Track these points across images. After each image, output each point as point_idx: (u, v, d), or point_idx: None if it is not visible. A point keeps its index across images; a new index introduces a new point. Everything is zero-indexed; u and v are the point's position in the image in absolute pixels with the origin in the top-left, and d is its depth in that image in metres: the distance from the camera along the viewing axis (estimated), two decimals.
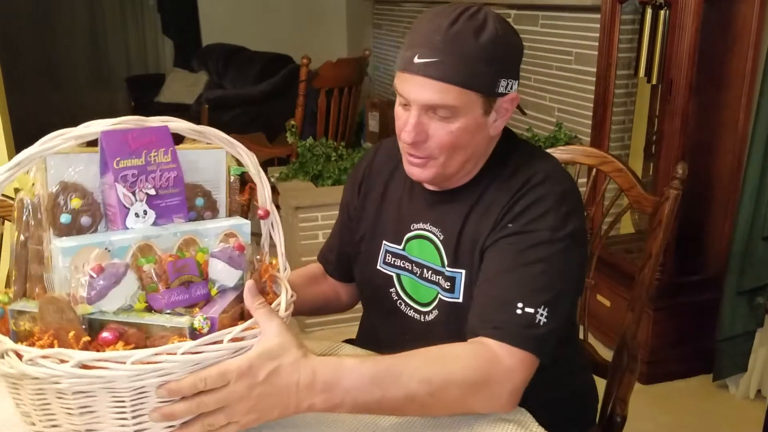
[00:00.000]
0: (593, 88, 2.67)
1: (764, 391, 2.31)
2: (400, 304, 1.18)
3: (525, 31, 3.28)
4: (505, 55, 1.02)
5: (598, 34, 2.58)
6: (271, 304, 0.89)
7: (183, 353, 0.74)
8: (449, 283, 1.09)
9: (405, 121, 1.03)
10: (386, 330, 1.21)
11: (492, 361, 0.93)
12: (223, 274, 0.87)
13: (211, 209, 0.95)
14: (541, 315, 0.96)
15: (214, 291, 0.87)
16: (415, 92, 1.01)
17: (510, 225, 1.03)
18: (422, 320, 1.14)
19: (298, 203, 2.76)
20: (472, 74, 0.99)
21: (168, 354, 0.74)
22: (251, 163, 0.90)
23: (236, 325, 0.83)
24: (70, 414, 0.75)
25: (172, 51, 6.32)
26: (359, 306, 1.35)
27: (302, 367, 0.82)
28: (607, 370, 1.38)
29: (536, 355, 0.95)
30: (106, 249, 0.80)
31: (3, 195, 1.41)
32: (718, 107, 2.37)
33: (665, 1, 2.28)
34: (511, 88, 1.04)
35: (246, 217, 0.97)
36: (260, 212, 0.93)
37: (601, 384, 1.34)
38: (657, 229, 1.30)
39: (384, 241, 1.19)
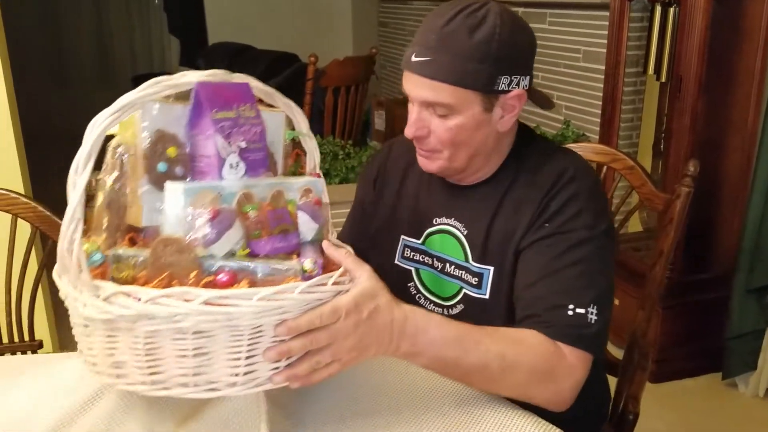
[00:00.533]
0: (601, 85, 2.66)
1: None
2: (419, 298, 1.18)
3: (533, 28, 3.26)
4: (506, 52, 1.01)
5: (606, 32, 2.58)
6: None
7: (300, 293, 0.77)
8: (476, 279, 1.10)
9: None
10: None
11: (557, 354, 0.96)
12: (306, 226, 0.89)
13: (273, 170, 0.96)
14: (591, 314, 0.98)
15: None
16: (413, 89, 1.04)
17: (546, 225, 1.05)
18: (444, 314, 1.14)
19: None
20: (465, 72, 1.00)
21: (288, 293, 0.76)
22: (305, 127, 0.95)
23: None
24: (183, 357, 0.75)
25: (178, 50, 6.33)
26: None
27: (395, 308, 0.86)
28: (617, 368, 1.38)
29: (591, 354, 0.98)
30: (219, 194, 0.82)
31: (13, 191, 1.42)
32: (727, 105, 2.36)
33: None
34: (517, 85, 1.04)
35: None
36: (313, 175, 0.96)
37: (611, 382, 1.34)
38: (668, 226, 1.30)
39: (402, 236, 1.20)
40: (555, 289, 1.00)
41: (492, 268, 1.09)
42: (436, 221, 1.16)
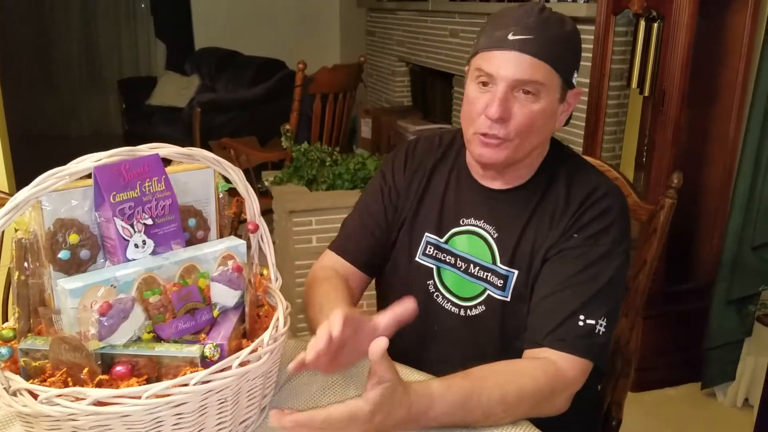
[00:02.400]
0: (585, 98, 2.70)
1: (752, 399, 2.34)
2: (437, 296, 1.18)
3: None
4: (578, 50, 1.09)
5: (591, 46, 2.61)
6: (267, 315, 0.93)
7: (195, 384, 0.76)
8: (502, 281, 1.12)
9: (486, 101, 1.06)
10: (413, 321, 1.21)
11: (557, 375, 0.99)
12: (223, 296, 0.89)
13: (203, 228, 0.97)
14: (600, 326, 1.02)
15: (216, 313, 0.89)
16: (506, 67, 1.04)
17: (576, 236, 1.08)
18: (462, 314, 1.16)
19: (293, 207, 2.76)
20: (560, 56, 1.05)
21: (181, 386, 0.76)
22: (239, 179, 0.92)
23: (241, 343, 0.86)
24: None
25: (165, 54, 6.31)
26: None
27: (404, 404, 0.86)
28: None
29: (594, 363, 1.02)
30: (112, 285, 0.81)
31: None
32: (709, 118, 2.40)
33: (659, 13, 2.31)
34: (576, 83, 1.10)
35: (236, 228, 0.99)
36: (249, 227, 0.96)
37: None
38: (652, 236, 1.33)
39: (426, 233, 1.20)
40: (572, 299, 1.04)
41: (517, 272, 1.11)
42: (463, 222, 1.17)
